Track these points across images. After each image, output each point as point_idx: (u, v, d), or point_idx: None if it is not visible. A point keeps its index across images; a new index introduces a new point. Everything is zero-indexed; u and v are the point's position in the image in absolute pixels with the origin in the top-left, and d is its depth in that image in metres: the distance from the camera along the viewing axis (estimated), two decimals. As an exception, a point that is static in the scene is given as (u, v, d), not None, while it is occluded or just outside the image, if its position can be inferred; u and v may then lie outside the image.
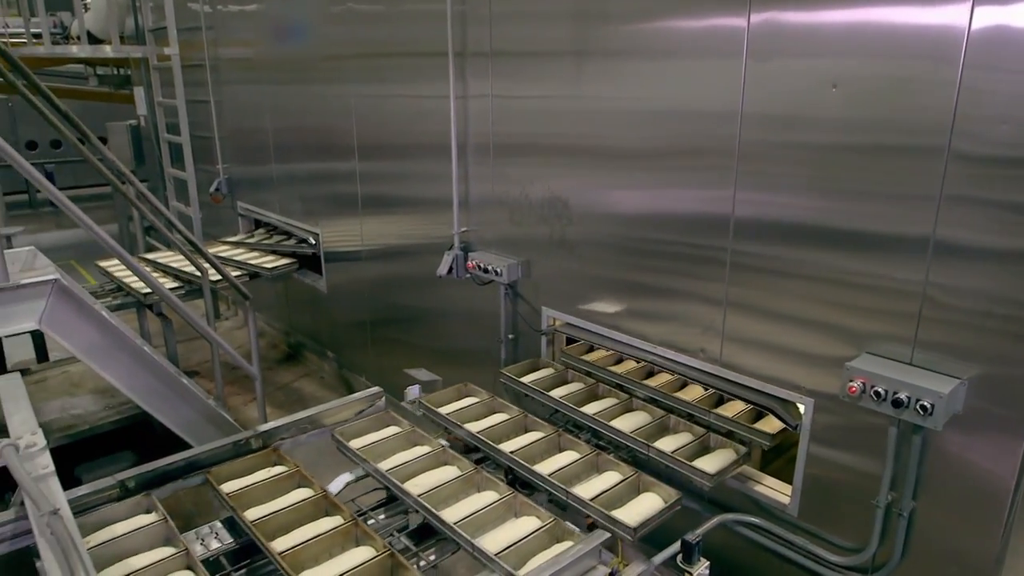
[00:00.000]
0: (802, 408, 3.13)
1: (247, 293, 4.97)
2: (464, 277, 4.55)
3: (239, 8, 6.91)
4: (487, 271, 4.30)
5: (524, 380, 3.91)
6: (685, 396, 3.56)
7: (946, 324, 2.58)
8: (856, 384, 2.67)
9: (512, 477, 3.20)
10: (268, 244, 6.77)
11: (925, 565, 2.84)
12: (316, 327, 7.14)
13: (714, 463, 3.17)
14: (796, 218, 2.93)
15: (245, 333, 7.91)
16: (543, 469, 3.11)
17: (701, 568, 2.68)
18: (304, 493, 3.02)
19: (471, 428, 3.44)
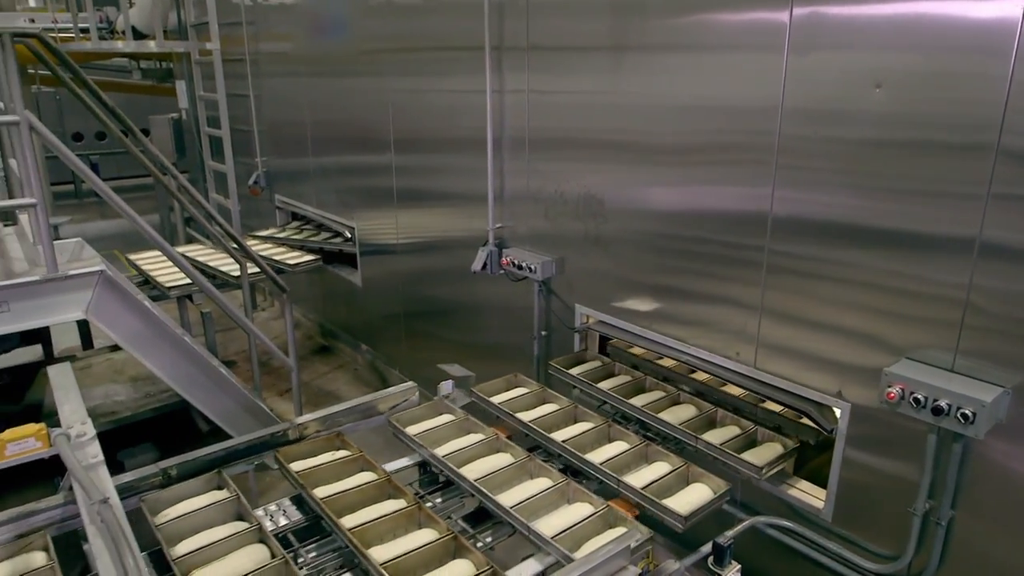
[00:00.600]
0: (838, 412, 3.08)
1: (284, 286, 5.05)
2: (498, 273, 4.57)
3: (279, 2, 7.00)
4: (521, 268, 4.30)
5: (572, 372, 3.95)
6: (732, 391, 3.57)
7: (990, 330, 2.52)
8: (895, 390, 2.62)
9: (564, 465, 3.26)
10: (297, 239, 6.82)
11: None
12: (350, 320, 7.23)
13: (762, 456, 3.17)
14: (836, 217, 2.88)
15: (281, 324, 8.04)
16: (594, 458, 3.17)
17: (732, 571, 2.66)
18: (368, 476, 3.12)
19: (523, 417, 3.51)
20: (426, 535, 2.74)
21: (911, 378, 2.60)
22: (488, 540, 2.86)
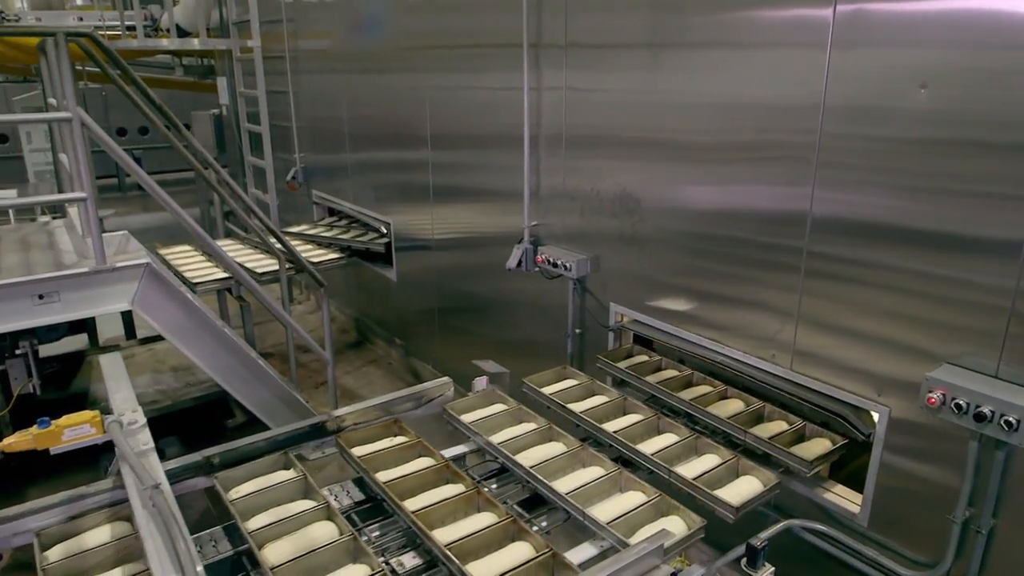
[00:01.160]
0: (876, 416, 3.04)
1: (322, 280, 5.12)
2: (533, 271, 4.59)
3: (319, 0, 7.09)
4: (556, 265, 4.32)
5: (619, 365, 3.98)
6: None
7: (1037, 336, 2.47)
8: (936, 395, 2.58)
9: (615, 455, 3.31)
10: (326, 237, 6.89)
11: (1004, 585, 2.74)
12: (385, 314, 7.31)
13: (811, 451, 3.17)
14: (878, 217, 2.84)
15: (316, 318, 8.18)
16: (645, 449, 3.22)
17: (766, 573, 2.64)
18: (427, 461, 3.21)
19: (574, 408, 3.58)
20: (485, 518, 2.83)
21: (953, 383, 2.55)
22: (543, 525, 2.93)
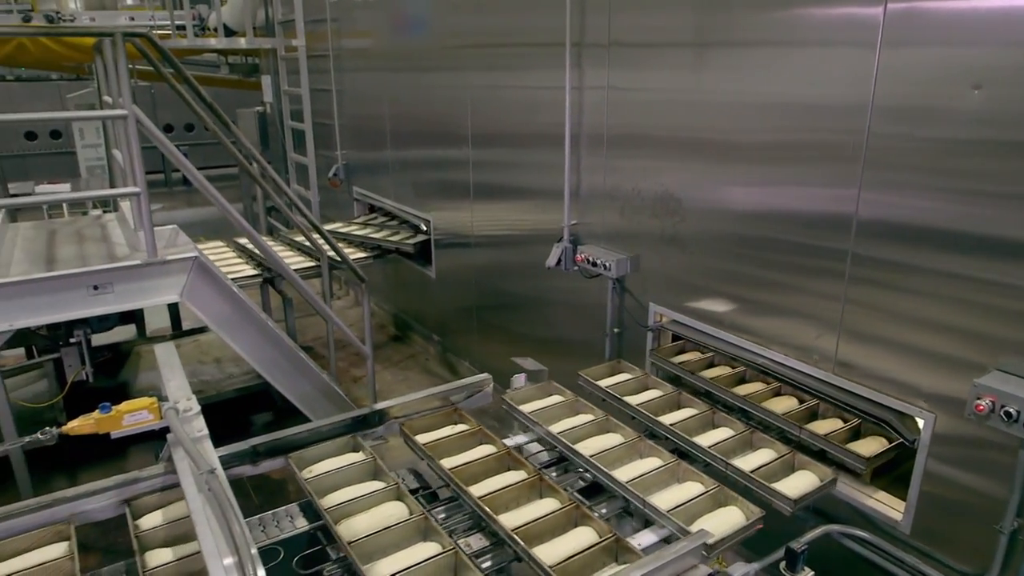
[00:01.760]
0: (921, 423, 3.00)
1: (363, 276, 5.20)
2: (572, 270, 4.60)
3: (362, 0, 7.19)
4: (596, 265, 4.32)
5: (674, 361, 4.01)
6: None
7: (1093, 343, 2.41)
8: (984, 403, 2.53)
9: (673, 448, 3.35)
10: (357, 236, 6.94)
11: (1053, 598, 2.68)
12: (423, 311, 7.38)
13: (868, 448, 3.15)
14: (926, 220, 2.79)
15: (355, 313, 8.29)
16: (702, 441, 3.26)
17: (806, 577, 2.63)
18: (488, 449, 3.29)
19: (630, 401, 3.63)
20: (548, 504, 2.89)
21: (1002, 391, 2.50)
22: (603, 512, 2.97)
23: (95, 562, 2.75)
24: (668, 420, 3.46)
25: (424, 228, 6.74)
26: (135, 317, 6.40)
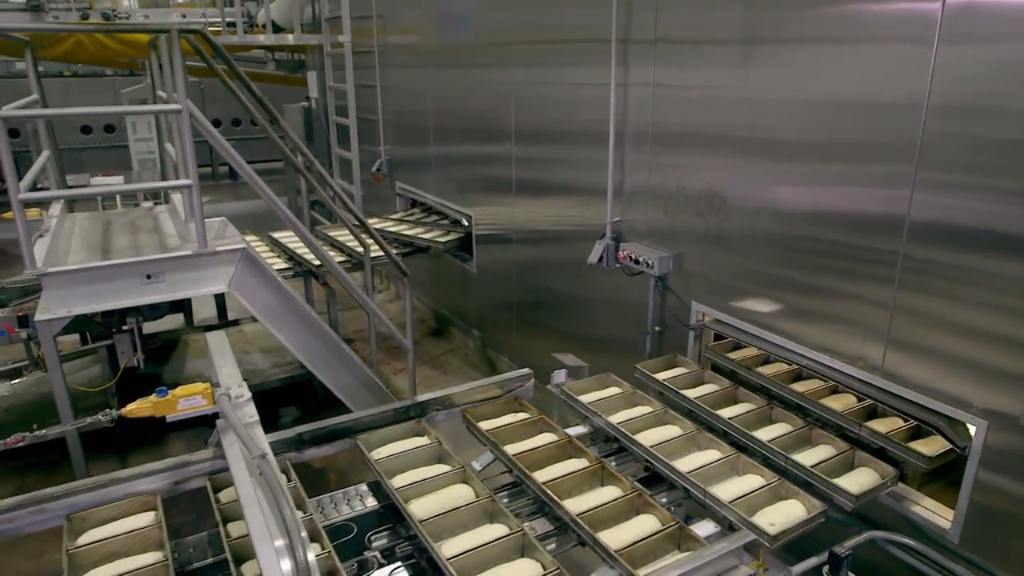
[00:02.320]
0: (972, 429, 2.92)
1: (406, 270, 5.26)
2: (614, 267, 4.58)
3: (407, -4, 7.27)
4: (638, 262, 4.30)
5: (730, 356, 4.00)
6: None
7: None
8: (1042, 410, 2.46)
9: (732, 441, 3.36)
10: (391, 232, 6.98)
11: (1109, 613, 2.59)
12: (463, 305, 7.43)
13: (930, 447, 3.10)
14: (981, 223, 2.72)
15: (396, 306, 8.39)
16: (761, 436, 3.27)
17: (849, 583, 2.60)
18: (549, 437, 3.35)
19: (687, 394, 3.66)
20: (610, 491, 2.95)
21: (1061, 397, 2.43)
22: (663, 501, 2.99)
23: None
24: (726, 414, 3.47)
25: (465, 223, 6.78)
26: (183, 307, 6.58)
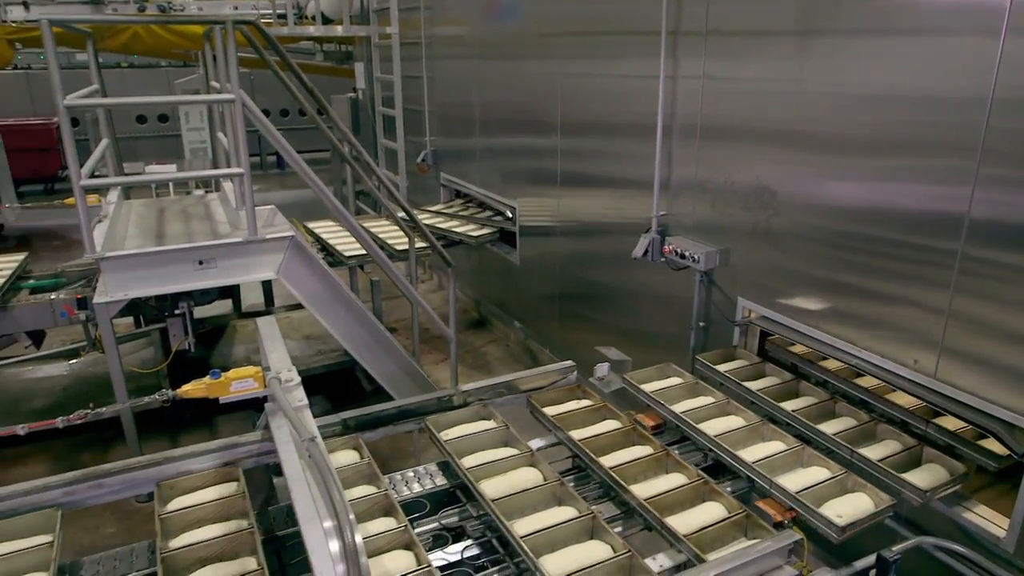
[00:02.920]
0: (1033, 434, 2.83)
1: (450, 260, 5.29)
2: (659, 261, 4.54)
3: (455, -13, 7.29)
4: (684, 257, 4.26)
5: (791, 350, 3.98)
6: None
7: None
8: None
9: (796, 433, 3.34)
10: (427, 225, 6.99)
11: None
12: (506, 297, 7.45)
13: (999, 446, 3.02)
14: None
15: (438, 297, 8.45)
16: (825, 429, 3.26)
17: (897, 588, 2.54)
18: (613, 424, 3.40)
19: (749, 386, 3.67)
20: (676, 479, 2.97)
21: None
22: (728, 491, 2.98)
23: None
24: (789, 407, 3.46)
25: (508, 215, 6.79)
26: (232, 293, 6.73)
